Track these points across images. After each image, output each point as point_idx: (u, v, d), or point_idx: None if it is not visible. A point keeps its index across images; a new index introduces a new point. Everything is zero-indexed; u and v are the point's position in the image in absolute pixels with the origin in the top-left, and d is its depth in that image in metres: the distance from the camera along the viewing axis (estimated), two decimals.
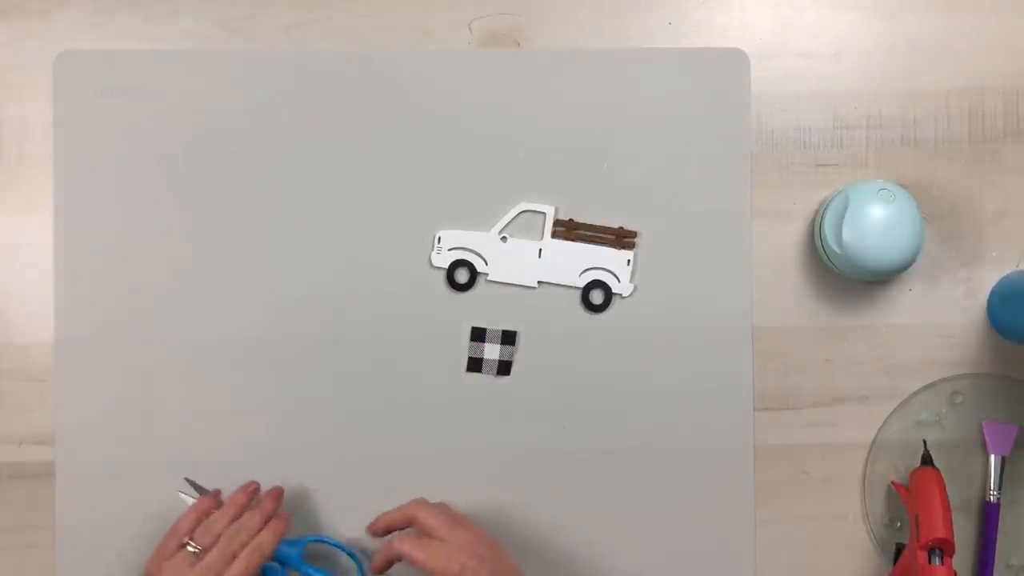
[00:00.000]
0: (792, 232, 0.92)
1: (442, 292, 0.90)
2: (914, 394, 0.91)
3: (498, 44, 0.91)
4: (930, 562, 0.84)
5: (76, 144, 0.90)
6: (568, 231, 0.90)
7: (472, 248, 0.90)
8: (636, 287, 0.90)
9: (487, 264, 0.90)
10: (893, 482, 0.91)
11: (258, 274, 0.90)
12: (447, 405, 0.90)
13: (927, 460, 0.90)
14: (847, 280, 0.91)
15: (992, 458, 0.91)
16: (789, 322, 0.91)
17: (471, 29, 0.91)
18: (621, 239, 0.90)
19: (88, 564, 0.88)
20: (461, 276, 0.90)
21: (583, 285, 0.90)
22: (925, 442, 0.91)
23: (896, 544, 0.90)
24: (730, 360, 0.91)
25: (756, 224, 0.91)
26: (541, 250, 0.90)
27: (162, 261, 0.89)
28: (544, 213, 0.90)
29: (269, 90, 0.90)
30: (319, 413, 0.90)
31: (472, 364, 0.90)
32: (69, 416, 0.89)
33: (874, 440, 0.91)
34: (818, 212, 0.91)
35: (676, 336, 0.90)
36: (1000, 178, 0.92)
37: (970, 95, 0.92)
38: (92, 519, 0.88)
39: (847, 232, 0.85)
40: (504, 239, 0.90)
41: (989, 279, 0.92)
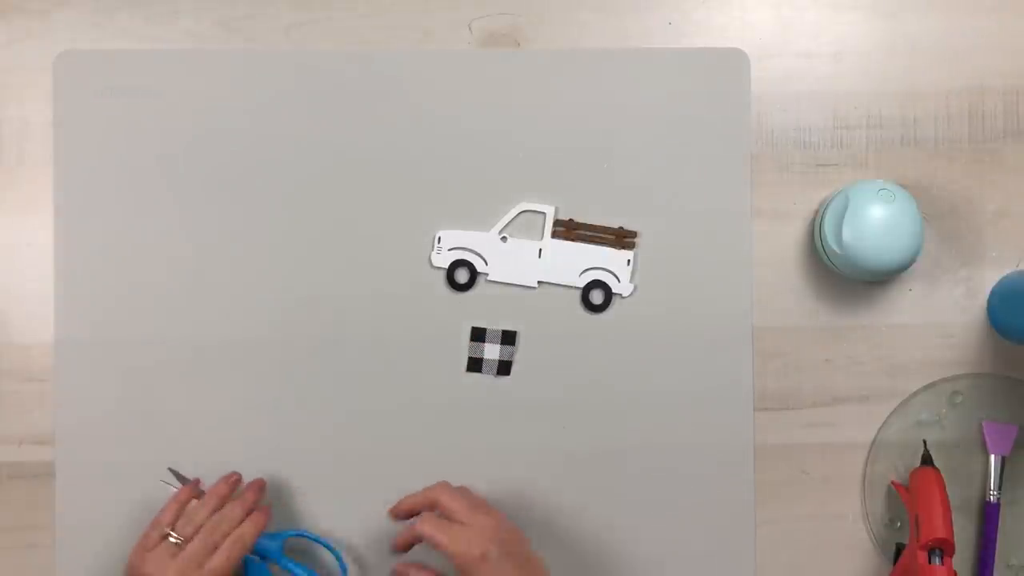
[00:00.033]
0: (792, 232, 0.92)
1: (442, 292, 0.90)
2: (914, 394, 0.91)
3: (498, 44, 0.91)
4: (930, 562, 0.84)
5: (76, 144, 0.90)
6: (568, 231, 0.90)
7: (472, 248, 0.90)
8: (636, 287, 0.90)
9: (487, 264, 0.90)
10: (893, 482, 0.91)
11: (258, 274, 0.90)
12: (447, 405, 0.90)
13: (927, 460, 0.90)
14: (847, 280, 0.91)
15: (992, 458, 0.91)
16: (789, 322, 0.91)
17: (471, 29, 0.91)
18: (621, 239, 0.90)
19: (88, 564, 0.88)
20: (461, 276, 0.90)
21: (583, 285, 0.90)
22: (925, 442, 0.91)
23: (896, 544, 0.90)
24: (730, 360, 0.91)
25: (756, 224, 0.91)
26: (541, 250, 0.90)
27: (162, 261, 0.89)
28: (544, 213, 0.90)
29: (269, 90, 0.90)
30: (319, 413, 0.90)
31: (472, 364, 0.90)
32: (69, 416, 0.89)
33: (874, 440, 0.91)
34: (818, 212, 0.91)
35: (676, 336, 0.90)
36: (1000, 178, 0.92)
37: (970, 95, 0.92)
38: (92, 519, 0.88)
39: (847, 232, 0.85)
40: (504, 239, 0.90)
41: (989, 279, 0.92)
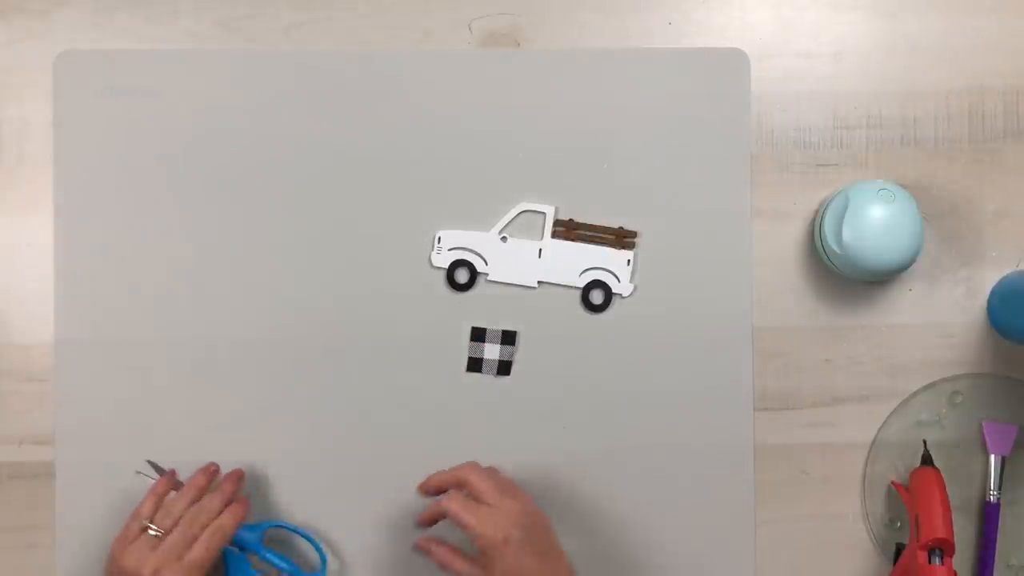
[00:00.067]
0: (792, 232, 0.92)
1: (442, 292, 0.90)
2: (914, 394, 0.91)
3: (498, 44, 0.91)
4: (930, 562, 0.84)
5: (76, 144, 0.90)
6: (568, 231, 0.90)
7: (472, 248, 0.90)
8: (636, 287, 0.90)
9: (487, 264, 0.90)
10: (893, 482, 0.91)
11: (258, 274, 0.90)
12: (447, 405, 0.90)
13: (927, 460, 0.90)
14: (847, 280, 0.91)
15: (992, 458, 0.91)
16: (789, 322, 0.91)
17: (471, 29, 0.91)
18: (621, 239, 0.90)
19: (88, 564, 0.88)
20: (461, 276, 0.90)
21: (583, 285, 0.90)
22: (925, 442, 0.91)
23: (896, 544, 0.90)
24: (730, 360, 0.91)
25: (756, 224, 0.91)
26: (541, 250, 0.90)
27: (162, 261, 0.89)
28: (544, 213, 0.90)
29: (269, 90, 0.90)
30: (319, 413, 0.90)
31: (472, 364, 0.90)
32: (69, 416, 0.89)
33: (874, 440, 0.91)
34: (818, 212, 0.91)
35: (676, 336, 0.90)
36: (1000, 178, 0.92)
37: (970, 95, 0.92)
38: (92, 519, 0.88)
39: (847, 232, 0.85)
40: (504, 239, 0.90)
41: (989, 279, 0.92)
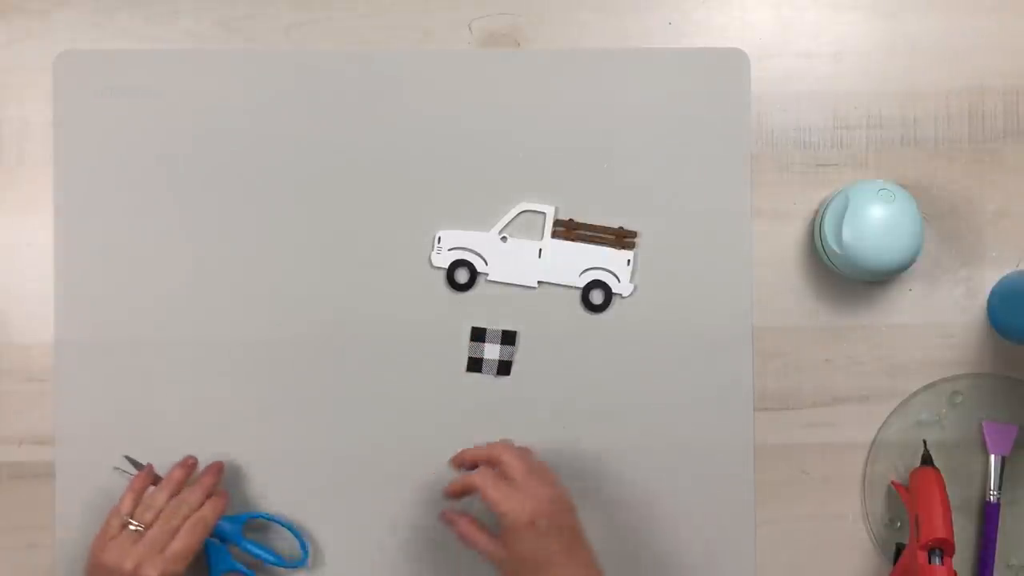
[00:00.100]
0: (792, 232, 0.92)
1: (442, 292, 0.90)
2: (914, 394, 0.91)
3: (498, 44, 0.91)
4: (930, 562, 0.84)
5: (76, 144, 0.90)
6: (568, 231, 0.90)
7: (472, 248, 0.90)
8: (636, 287, 0.90)
9: (487, 264, 0.90)
10: (893, 482, 0.91)
11: (258, 274, 0.90)
12: (447, 405, 0.90)
13: (927, 460, 0.90)
14: (847, 280, 0.91)
15: (992, 458, 0.91)
16: (789, 322, 0.91)
17: (471, 29, 0.91)
18: (621, 239, 0.90)
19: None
20: (461, 276, 0.90)
21: (583, 285, 0.90)
22: (925, 442, 0.91)
23: (896, 544, 0.90)
24: (730, 360, 0.91)
25: (756, 224, 0.91)
26: (541, 250, 0.90)
27: (162, 261, 0.89)
28: (544, 213, 0.90)
29: (269, 90, 0.90)
30: (319, 413, 0.90)
31: (472, 364, 0.90)
32: (69, 416, 0.89)
33: (874, 440, 0.91)
34: (818, 212, 0.91)
35: (676, 336, 0.90)
36: (1000, 178, 0.92)
37: (970, 95, 0.92)
38: (92, 519, 0.88)
39: (847, 232, 0.85)
40: (504, 239, 0.90)
41: (989, 279, 0.92)
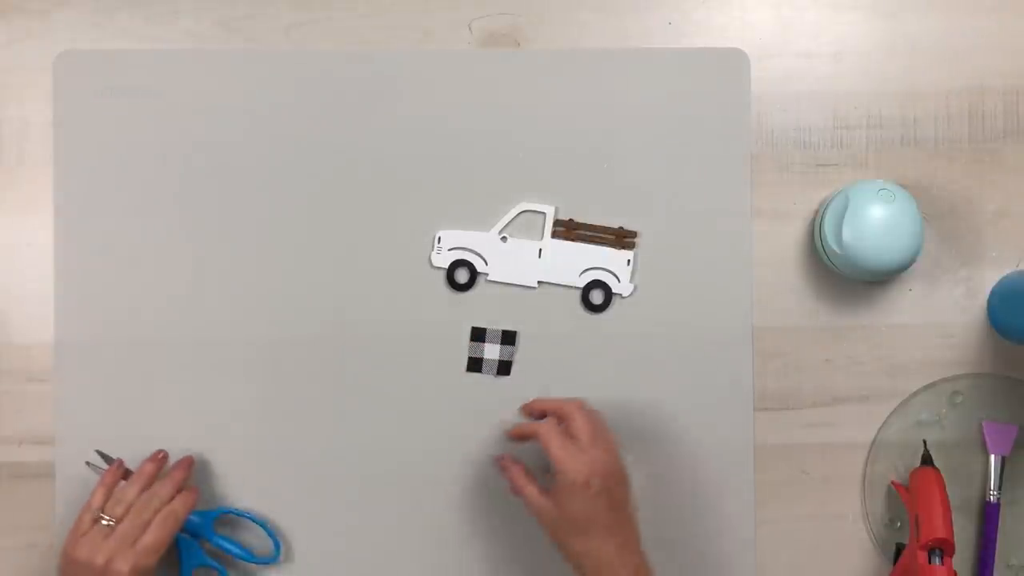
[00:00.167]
0: (792, 232, 0.92)
1: (442, 292, 0.90)
2: (914, 394, 0.91)
3: (498, 44, 0.91)
4: (930, 562, 0.84)
5: (76, 144, 0.89)
6: (568, 231, 0.90)
7: (472, 248, 0.90)
8: (636, 287, 0.90)
9: (487, 264, 0.90)
10: (893, 482, 0.91)
11: (258, 274, 0.90)
12: (447, 405, 0.90)
13: (927, 460, 0.90)
14: (847, 280, 0.91)
15: (992, 458, 0.91)
16: (789, 322, 0.91)
17: (471, 29, 0.91)
18: (621, 239, 0.90)
19: None
20: (461, 276, 0.90)
21: (583, 285, 0.90)
22: (925, 442, 0.91)
23: (896, 544, 0.90)
24: (730, 360, 0.91)
25: (756, 224, 0.91)
26: (541, 250, 0.90)
27: (162, 261, 0.89)
28: (544, 213, 0.90)
29: (269, 90, 0.90)
30: (319, 413, 0.90)
31: (472, 364, 0.90)
32: (69, 416, 0.89)
33: (874, 440, 0.91)
34: (818, 212, 0.91)
35: (676, 336, 0.90)
36: (1000, 178, 0.92)
37: (970, 95, 0.92)
38: None
39: (847, 232, 0.85)
40: (504, 239, 0.90)
41: (989, 279, 0.92)
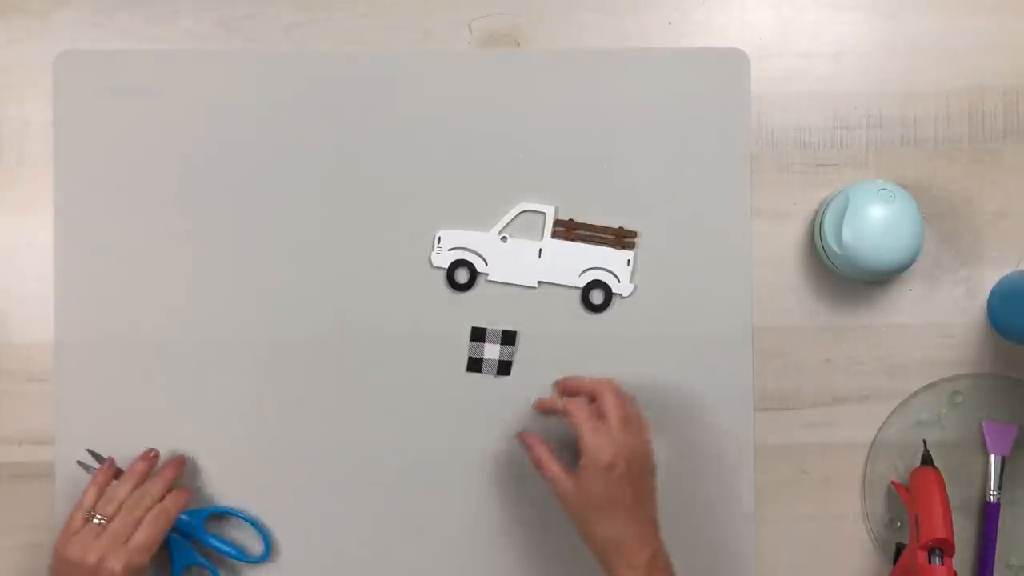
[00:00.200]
0: (792, 232, 0.92)
1: (442, 292, 0.90)
2: (914, 394, 0.91)
3: (498, 44, 0.91)
4: (930, 562, 0.84)
5: (76, 144, 0.89)
6: (568, 231, 0.90)
7: (472, 248, 0.90)
8: (636, 287, 0.90)
9: (487, 264, 0.90)
10: (893, 482, 0.91)
11: (258, 274, 0.90)
12: (447, 405, 0.90)
13: (927, 460, 0.90)
14: (847, 280, 0.91)
15: (992, 458, 0.91)
16: (789, 322, 0.91)
17: (471, 29, 0.91)
18: (621, 239, 0.90)
19: None
20: (461, 276, 0.90)
21: (583, 285, 0.90)
22: (925, 442, 0.91)
23: (896, 544, 0.90)
24: (730, 360, 0.91)
25: (756, 224, 0.91)
26: (541, 250, 0.90)
27: (162, 261, 0.89)
28: (544, 213, 0.90)
29: (269, 90, 0.90)
30: (319, 413, 0.89)
31: (472, 364, 0.90)
32: (69, 416, 0.89)
33: (874, 440, 0.91)
34: (818, 212, 0.91)
35: (676, 336, 0.90)
36: (1000, 178, 0.92)
37: (970, 95, 0.92)
38: None
39: (847, 232, 0.85)
40: (504, 239, 0.90)
41: (989, 279, 0.92)
